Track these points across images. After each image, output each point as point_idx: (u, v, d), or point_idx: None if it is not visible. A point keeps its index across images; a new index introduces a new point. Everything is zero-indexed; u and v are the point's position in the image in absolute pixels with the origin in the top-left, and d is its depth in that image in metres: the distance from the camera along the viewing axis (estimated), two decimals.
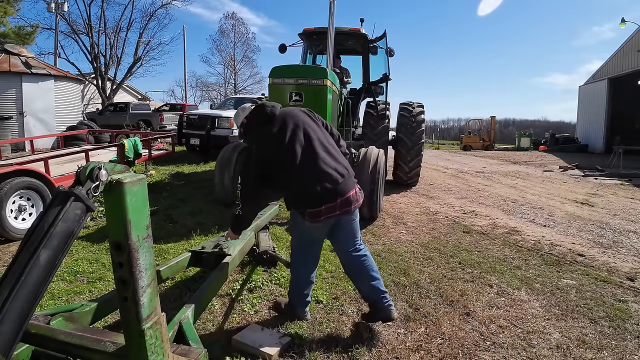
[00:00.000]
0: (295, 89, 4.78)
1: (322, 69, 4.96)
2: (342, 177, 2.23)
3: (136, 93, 27.84)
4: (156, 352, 1.22)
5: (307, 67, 5.69)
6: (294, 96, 4.76)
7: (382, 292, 2.35)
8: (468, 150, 24.64)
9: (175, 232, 4.16)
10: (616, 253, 4.07)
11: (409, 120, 6.92)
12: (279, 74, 4.88)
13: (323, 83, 4.73)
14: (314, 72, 4.91)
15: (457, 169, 11.35)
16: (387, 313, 2.31)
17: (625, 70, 18.06)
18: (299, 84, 4.78)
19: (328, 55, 5.42)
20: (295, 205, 2.29)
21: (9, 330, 1.04)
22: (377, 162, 4.71)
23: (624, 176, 10.19)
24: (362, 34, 6.71)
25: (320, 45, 7.04)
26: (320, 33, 6.41)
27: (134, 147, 6.00)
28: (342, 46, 7.10)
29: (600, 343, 2.36)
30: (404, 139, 6.87)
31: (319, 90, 4.76)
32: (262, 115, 2.30)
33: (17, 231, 3.85)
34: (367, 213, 4.66)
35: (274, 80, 4.88)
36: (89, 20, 22.14)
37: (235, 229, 2.43)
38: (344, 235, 2.38)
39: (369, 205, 4.61)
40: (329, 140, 2.39)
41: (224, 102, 12.93)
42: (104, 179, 1.24)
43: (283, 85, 4.81)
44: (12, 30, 14.54)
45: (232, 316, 2.52)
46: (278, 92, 4.86)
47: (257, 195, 2.31)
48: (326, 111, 4.81)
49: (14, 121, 11.60)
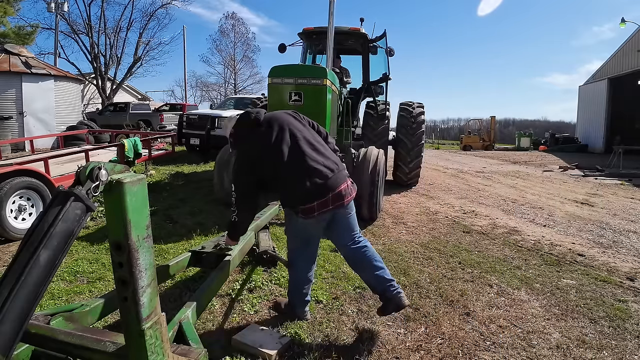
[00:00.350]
0: (295, 89, 4.74)
1: (321, 68, 4.93)
2: (331, 172, 2.25)
3: (136, 93, 27.83)
4: (156, 352, 1.22)
5: (307, 66, 5.60)
6: (294, 96, 4.72)
7: (389, 281, 2.35)
8: (468, 150, 24.64)
9: (175, 232, 4.16)
10: (616, 253, 4.07)
11: (409, 122, 6.91)
12: (278, 74, 4.83)
13: (323, 83, 4.69)
14: (314, 72, 4.87)
15: (457, 169, 11.35)
16: (398, 301, 2.30)
17: (625, 70, 18.07)
18: (298, 83, 4.73)
19: (328, 55, 5.37)
20: (288, 204, 2.32)
21: (9, 330, 1.04)
22: (376, 162, 4.69)
23: (623, 176, 10.19)
24: (362, 33, 6.68)
25: (319, 44, 7.01)
26: (319, 33, 6.38)
27: (133, 147, 6.00)
28: (342, 46, 7.07)
29: (600, 343, 2.36)
30: (404, 140, 6.86)
31: (319, 90, 4.72)
32: (248, 122, 2.34)
33: (17, 231, 3.85)
34: (367, 214, 4.65)
35: (273, 80, 4.84)
36: (88, 20, 22.14)
37: (232, 235, 2.46)
38: (342, 229, 2.40)
39: (368, 206, 4.60)
40: (316, 138, 2.41)
41: (224, 102, 12.94)
42: (104, 179, 1.24)
43: (282, 85, 4.77)
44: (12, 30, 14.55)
45: (232, 316, 2.52)
46: (277, 92, 4.83)
47: (251, 201, 2.32)
48: (326, 111, 4.78)
49: (13, 121, 11.60)
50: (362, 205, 4.52)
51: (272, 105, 4.94)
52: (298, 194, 2.21)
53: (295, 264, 2.47)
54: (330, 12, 5.20)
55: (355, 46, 7.21)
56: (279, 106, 4.80)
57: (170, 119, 15.92)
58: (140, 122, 15.27)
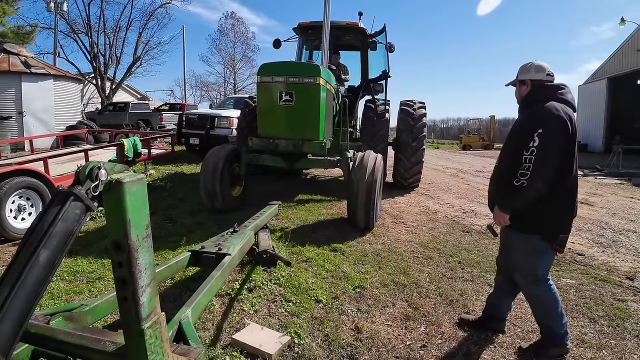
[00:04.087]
0: (286, 88, 4.45)
1: (314, 66, 4.59)
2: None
3: (135, 92, 27.82)
4: (156, 352, 1.22)
5: (299, 64, 5.17)
6: (284, 96, 4.45)
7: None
8: (468, 149, 24.65)
9: (175, 232, 4.16)
10: (615, 252, 4.07)
11: (410, 123, 6.50)
12: (268, 72, 4.53)
13: (316, 81, 4.41)
14: (306, 70, 4.52)
15: (456, 169, 11.35)
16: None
17: (625, 69, 18.08)
18: (289, 82, 4.45)
19: (323, 51, 5.10)
20: (545, 226, 2.07)
21: (8, 330, 1.04)
22: (374, 169, 4.33)
23: (623, 175, 10.21)
24: (360, 28, 6.40)
25: (316, 40, 6.65)
26: (315, 27, 6.03)
27: (133, 146, 5.99)
28: (340, 41, 6.75)
29: (599, 342, 2.36)
30: (404, 144, 6.47)
31: (312, 89, 4.44)
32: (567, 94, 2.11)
33: (16, 231, 3.85)
34: (363, 223, 4.32)
35: (263, 79, 4.55)
36: (88, 20, 22.11)
37: (507, 203, 2.10)
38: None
39: (365, 216, 4.27)
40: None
41: (224, 101, 12.92)
42: (103, 179, 1.24)
43: (272, 84, 4.50)
44: (11, 30, 14.51)
45: (232, 316, 2.52)
46: (267, 91, 4.55)
47: (550, 169, 1.97)
48: (319, 112, 4.51)
49: (13, 121, 11.60)
50: (358, 215, 4.28)
51: (260, 107, 4.70)
52: (565, 217, 2.08)
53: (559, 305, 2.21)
54: (325, 2, 4.93)
55: (354, 42, 6.97)
56: (269, 107, 4.60)
57: (169, 119, 15.91)
58: (139, 121, 15.24)
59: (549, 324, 2.18)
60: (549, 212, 2.05)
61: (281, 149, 4.63)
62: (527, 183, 1.96)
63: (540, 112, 2.02)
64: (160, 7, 24.62)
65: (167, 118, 16.06)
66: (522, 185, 1.98)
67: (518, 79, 2.23)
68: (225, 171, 4.69)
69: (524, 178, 1.97)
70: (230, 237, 2.65)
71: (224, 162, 4.69)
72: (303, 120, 4.60)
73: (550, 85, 2.14)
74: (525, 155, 1.95)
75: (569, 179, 2.04)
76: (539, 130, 1.93)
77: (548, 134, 1.93)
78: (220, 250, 2.48)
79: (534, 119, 2.01)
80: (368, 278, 3.13)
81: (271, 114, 4.66)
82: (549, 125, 1.95)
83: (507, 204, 2.10)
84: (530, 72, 2.18)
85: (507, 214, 2.10)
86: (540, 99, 2.08)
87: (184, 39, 27.20)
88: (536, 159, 1.93)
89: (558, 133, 1.95)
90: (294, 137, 4.59)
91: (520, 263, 2.20)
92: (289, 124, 4.64)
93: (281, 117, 4.63)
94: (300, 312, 2.57)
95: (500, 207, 2.13)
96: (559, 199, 2.04)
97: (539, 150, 1.92)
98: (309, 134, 4.62)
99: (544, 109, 2.01)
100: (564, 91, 2.10)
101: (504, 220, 2.12)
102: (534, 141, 1.93)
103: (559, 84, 2.14)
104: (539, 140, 1.92)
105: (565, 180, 2.03)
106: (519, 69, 2.24)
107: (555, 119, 1.96)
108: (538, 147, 1.92)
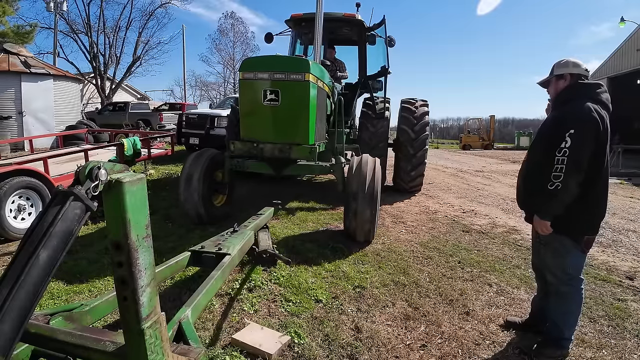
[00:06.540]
0: (270, 86, 3.90)
1: (303, 60, 4.05)
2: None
3: (135, 92, 27.83)
4: (156, 352, 1.22)
5: (285, 58, 4.46)
6: (269, 94, 3.89)
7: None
8: (467, 149, 24.65)
9: (175, 232, 4.16)
10: (615, 252, 4.07)
11: (411, 124, 6.10)
12: (251, 67, 3.99)
13: (304, 78, 3.87)
14: (294, 65, 3.96)
15: (456, 168, 11.35)
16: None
17: (625, 69, 18.08)
18: (274, 79, 3.90)
19: (315, 45, 4.61)
20: (572, 226, 2.08)
21: (8, 330, 1.04)
22: (373, 176, 3.90)
23: (623, 175, 10.20)
24: (357, 20, 5.93)
25: (310, 33, 6.04)
26: (309, 20, 5.51)
27: (133, 146, 5.98)
28: (336, 35, 6.24)
29: (599, 342, 2.37)
30: (405, 146, 6.08)
31: (300, 86, 3.90)
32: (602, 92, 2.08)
33: (16, 231, 3.85)
34: (362, 236, 3.93)
35: (245, 75, 4.01)
36: (88, 20, 22.12)
37: (548, 209, 2.05)
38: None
39: (363, 228, 3.86)
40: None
41: (223, 101, 12.93)
42: (103, 179, 1.24)
43: (255, 81, 3.96)
44: (11, 30, 14.50)
45: (232, 315, 2.52)
46: (250, 89, 4.02)
47: (581, 171, 1.95)
48: (308, 112, 3.99)
49: (13, 121, 11.59)
50: (356, 227, 3.84)
51: (243, 107, 4.16)
52: (594, 217, 2.07)
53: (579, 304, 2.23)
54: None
55: (351, 35, 6.45)
56: (252, 107, 4.08)
57: (169, 119, 15.93)
58: (139, 121, 15.26)
59: (561, 324, 2.19)
60: (577, 213, 2.03)
61: (266, 154, 4.08)
62: (562, 185, 1.95)
63: (574, 112, 2.00)
64: (160, 7, 24.65)
65: (167, 118, 16.08)
66: (556, 188, 1.97)
67: (554, 74, 2.20)
68: (201, 181, 4.20)
69: (558, 180, 1.95)
70: (230, 237, 2.65)
71: (200, 171, 4.23)
72: (290, 122, 4.06)
73: (589, 83, 2.12)
74: (558, 157, 1.94)
75: (599, 180, 2.03)
76: (571, 131, 1.92)
77: (580, 136, 1.92)
78: (220, 250, 2.48)
79: (568, 118, 1.99)
80: (368, 278, 3.14)
81: (254, 115, 4.10)
82: (583, 126, 1.93)
83: (545, 211, 2.06)
84: (569, 66, 2.15)
85: (548, 220, 2.06)
86: (577, 96, 2.06)
87: (183, 38, 27.32)
88: (568, 159, 1.92)
89: (590, 135, 1.93)
90: (281, 142, 4.03)
91: (550, 262, 2.21)
92: (274, 126, 4.06)
93: (266, 119, 4.05)
94: (300, 311, 2.57)
95: (539, 215, 2.09)
96: (589, 200, 2.03)
97: (571, 151, 1.91)
98: (297, 137, 4.05)
99: (578, 108, 1.99)
100: (599, 91, 2.08)
101: (546, 228, 2.08)
102: (565, 142, 1.92)
103: (597, 83, 2.12)
104: (570, 141, 1.91)
105: (595, 181, 2.01)
106: (553, 66, 2.22)
107: (589, 121, 1.94)
108: (570, 148, 1.91)
